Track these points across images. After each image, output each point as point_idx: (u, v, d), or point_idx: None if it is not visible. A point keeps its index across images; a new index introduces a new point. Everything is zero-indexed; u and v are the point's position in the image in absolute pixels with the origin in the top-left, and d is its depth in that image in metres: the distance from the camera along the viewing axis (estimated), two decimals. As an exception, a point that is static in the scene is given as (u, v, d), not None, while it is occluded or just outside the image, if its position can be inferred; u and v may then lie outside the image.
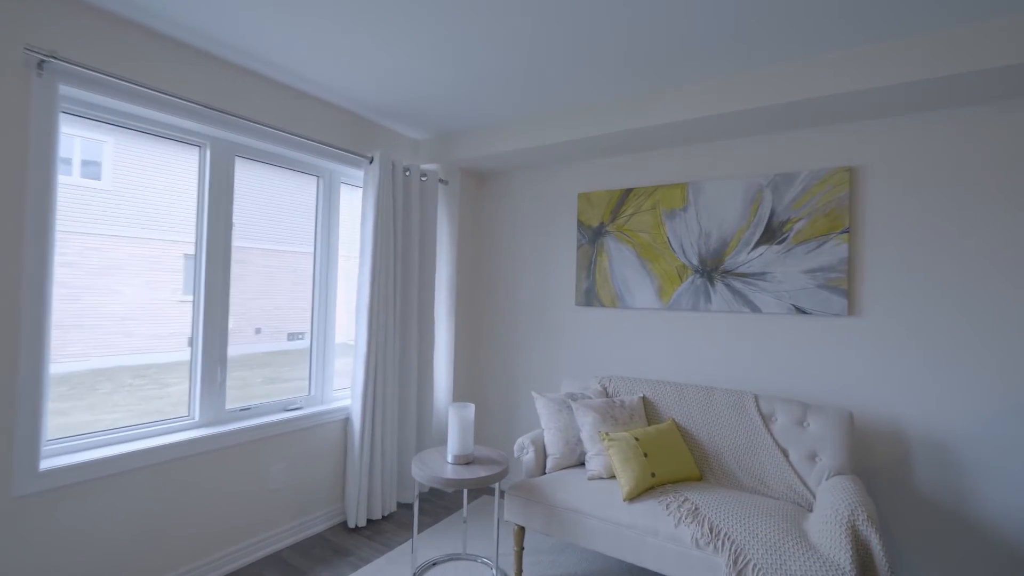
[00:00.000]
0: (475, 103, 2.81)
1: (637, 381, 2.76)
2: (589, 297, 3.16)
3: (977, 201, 2.18)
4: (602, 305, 3.11)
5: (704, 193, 2.79)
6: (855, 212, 2.44)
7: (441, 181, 3.50)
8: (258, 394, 2.69)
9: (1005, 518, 2.11)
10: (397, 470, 3.13)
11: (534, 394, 2.72)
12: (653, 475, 2.25)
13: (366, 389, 2.85)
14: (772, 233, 2.61)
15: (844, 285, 2.42)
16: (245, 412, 2.60)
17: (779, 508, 2.09)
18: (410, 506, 3.17)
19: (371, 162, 2.96)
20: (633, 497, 2.18)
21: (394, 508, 3.06)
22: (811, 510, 2.16)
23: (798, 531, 1.92)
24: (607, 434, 2.33)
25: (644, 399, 2.68)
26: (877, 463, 2.36)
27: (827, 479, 2.16)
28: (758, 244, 2.64)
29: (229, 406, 2.55)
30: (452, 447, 2.38)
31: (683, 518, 2.02)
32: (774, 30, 2.00)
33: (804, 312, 2.51)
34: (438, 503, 3.25)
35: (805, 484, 2.22)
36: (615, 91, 2.60)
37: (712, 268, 2.76)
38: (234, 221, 2.55)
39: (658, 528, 2.03)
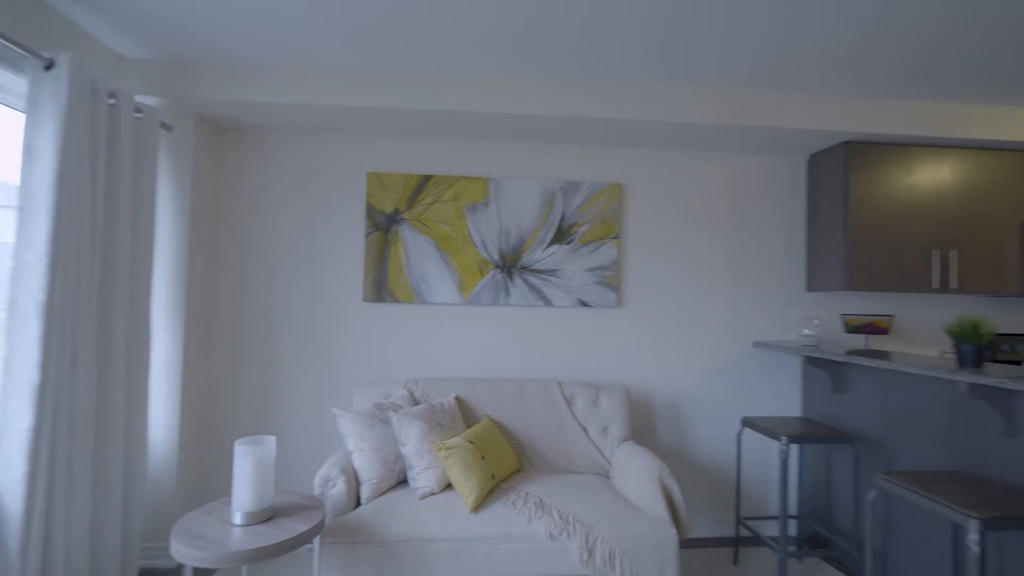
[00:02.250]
0: (233, 19, 2.05)
1: (446, 381, 2.59)
2: (380, 291, 2.78)
3: (675, 219, 2.96)
4: (396, 300, 2.79)
5: (505, 190, 2.85)
6: (623, 222, 2.94)
7: (164, 126, 2.43)
8: None
9: (707, 458, 2.92)
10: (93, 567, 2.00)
11: (335, 411, 2.20)
12: (493, 477, 2.14)
13: (35, 445, 1.70)
14: (563, 234, 2.88)
15: (615, 282, 2.88)
16: None
17: (593, 481, 2.32)
18: (113, 608, 2.07)
19: (49, 68, 1.80)
20: (479, 505, 2.02)
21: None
22: (608, 476, 2.48)
23: (618, 496, 2.17)
24: (443, 443, 2.09)
25: (458, 399, 2.54)
26: (637, 425, 2.90)
27: (618, 447, 2.52)
28: (551, 243, 2.87)
29: None
30: (242, 501, 1.68)
31: (533, 513, 2.00)
32: (573, 45, 2.21)
33: (587, 305, 2.87)
34: (162, 588, 2.24)
35: (603, 454, 2.54)
36: (428, 64, 2.36)
37: (512, 264, 2.85)
38: None
39: (511, 531, 1.94)
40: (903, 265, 2.73)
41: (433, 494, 2.12)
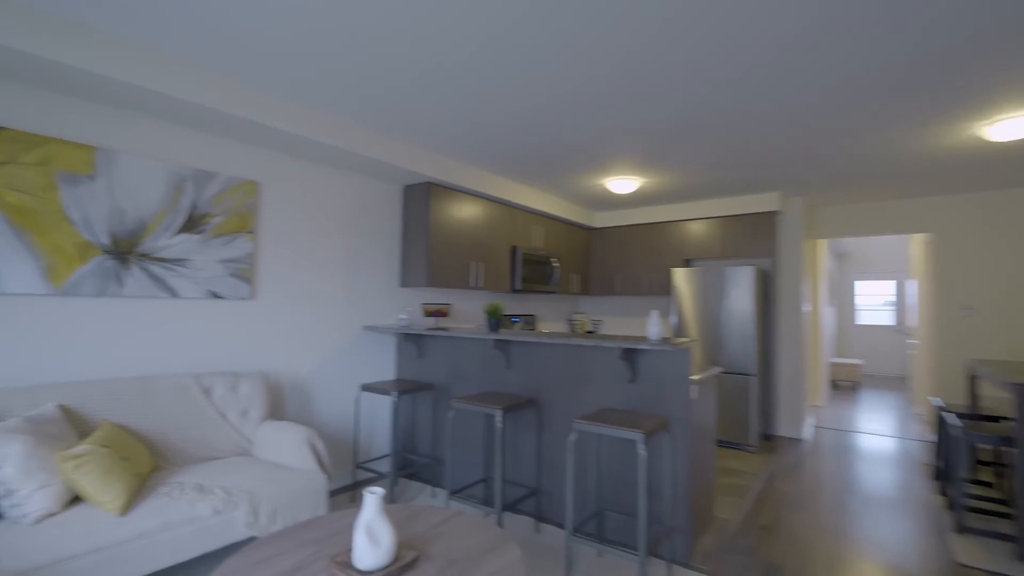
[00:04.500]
0: None
1: (40, 389, 2.10)
2: None
3: (306, 222, 3.45)
4: (-72, 289, 1.99)
5: (120, 166, 2.51)
6: (258, 218, 3.10)
7: None
8: None
9: (329, 424, 3.47)
10: None
11: None
12: (137, 476, 2.00)
13: None
14: (194, 222, 2.78)
15: (249, 275, 3.02)
16: None
17: (242, 460, 2.49)
18: None
19: None
20: (127, 507, 1.88)
21: None
22: (251, 454, 2.66)
23: (271, 464, 2.45)
24: (68, 454, 1.81)
25: (63, 408, 2.11)
26: (274, 405, 3.12)
27: (260, 426, 2.74)
28: (180, 231, 2.73)
29: None
30: None
31: (195, 497, 2.04)
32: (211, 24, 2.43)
33: (220, 297, 2.88)
34: None
35: (244, 436, 2.69)
36: None
37: (127, 250, 2.53)
38: None
39: (172, 519, 1.94)
40: (458, 270, 4.12)
41: (52, 515, 1.79)
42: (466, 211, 4.22)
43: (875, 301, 9.81)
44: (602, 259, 6.04)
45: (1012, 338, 4.58)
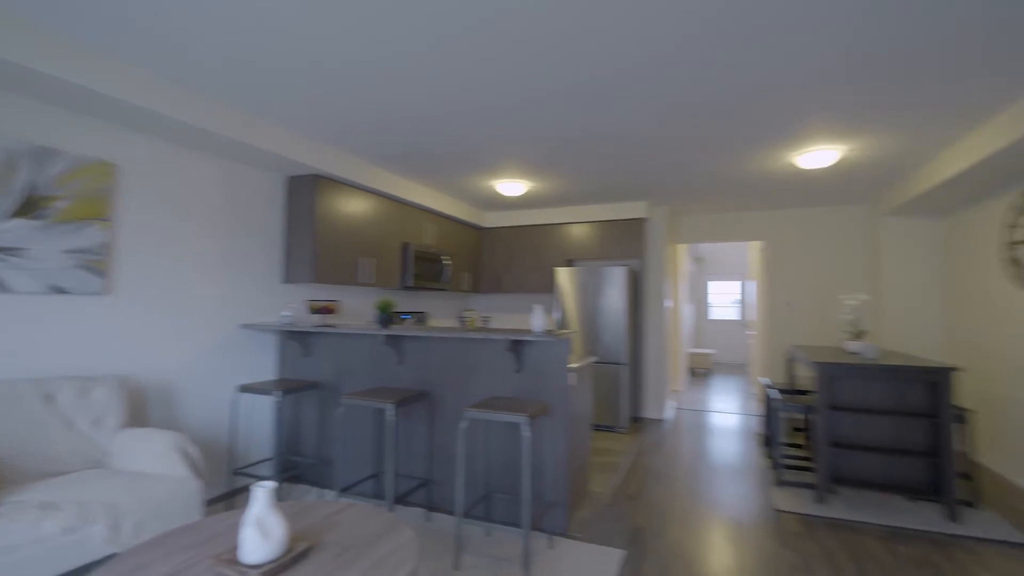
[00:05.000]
0: None
1: None
2: None
3: (174, 211, 3.17)
4: None
5: (-71, 135, 2.11)
6: (116, 204, 2.77)
7: None
8: None
9: (202, 429, 3.21)
10: None
11: None
12: (-39, 498, 1.73)
13: None
14: (31, 206, 2.42)
15: (103, 267, 2.70)
16: None
17: (97, 473, 2.24)
18: None
19: None
20: (-51, 533, 1.63)
21: None
22: (106, 466, 2.40)
23: (134, 474, 2.25)
24: None
25: None
26: (134, 410, 2.81)
27: (117, 434, 2.48)
28: (14, 215, 2.36)
29: None
30: None
31: (39, 515, 1.82)
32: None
33: (64, 292, 2.54)
34: None
35: (98, 446, 2.41)
36: None
37: (-61, 235, 2.14)
38: None
39: (12, 542, 1.71)
40: (347, 266, 4.03)
41: None
42: (356, 206, 4.15)
43: (725, 299, 11.32)
44: (491, 258, 6.26)
45: (821, 327, 5.64)
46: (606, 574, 2.37)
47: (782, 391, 4.25)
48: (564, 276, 5.43)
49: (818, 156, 3.66)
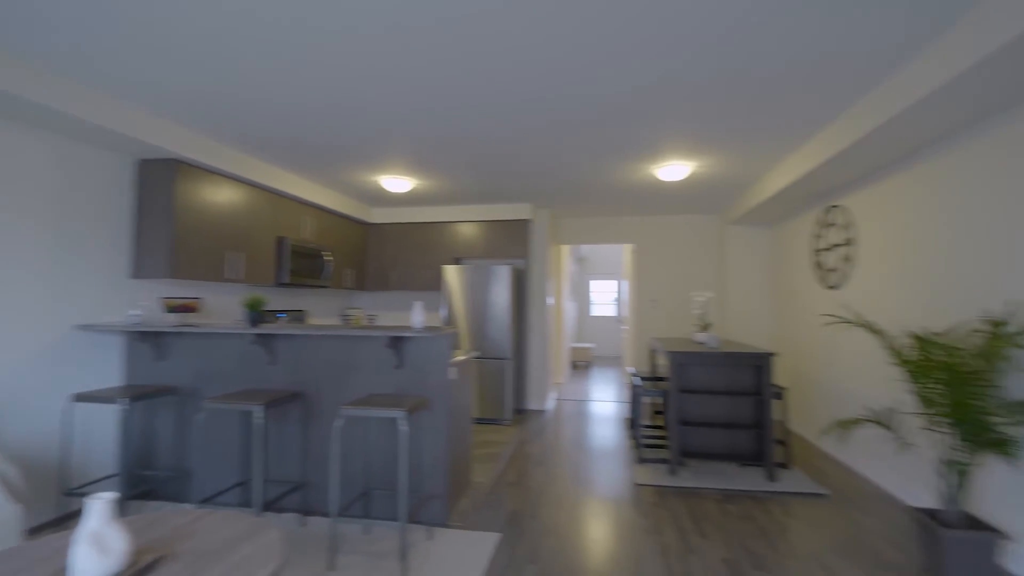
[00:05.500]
0: None
1: None
2: None
3: (15, 200, 2.72)
4: None
5: None
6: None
7: None
8: None
9: (25, 445, 2.76)
10: None
11: None
12: None
13: None
14: None
15: None
16: None
17: None
18: None
19: None
20: None
21: None
22: None
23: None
24: None
25: None
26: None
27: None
28: None
29: None
30: None
31: None
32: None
33: None
34: None
35: None
36: None
37: None
38: None
39: None
40: (212, 261, 3.71)
41: None
42: (225, 196, 3.83)
43: (605, 297, 12.20)
44: (378, 255, 6.13)
45: (680, 322, 6.35)
46: (481, 557, 2.49)
47: (644, 379, 4.73)
48: (452, 274, 5.50)
49: (674, 170, 4.14)
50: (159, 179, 3.41)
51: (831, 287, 4.30)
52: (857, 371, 3.84)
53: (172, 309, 3.49)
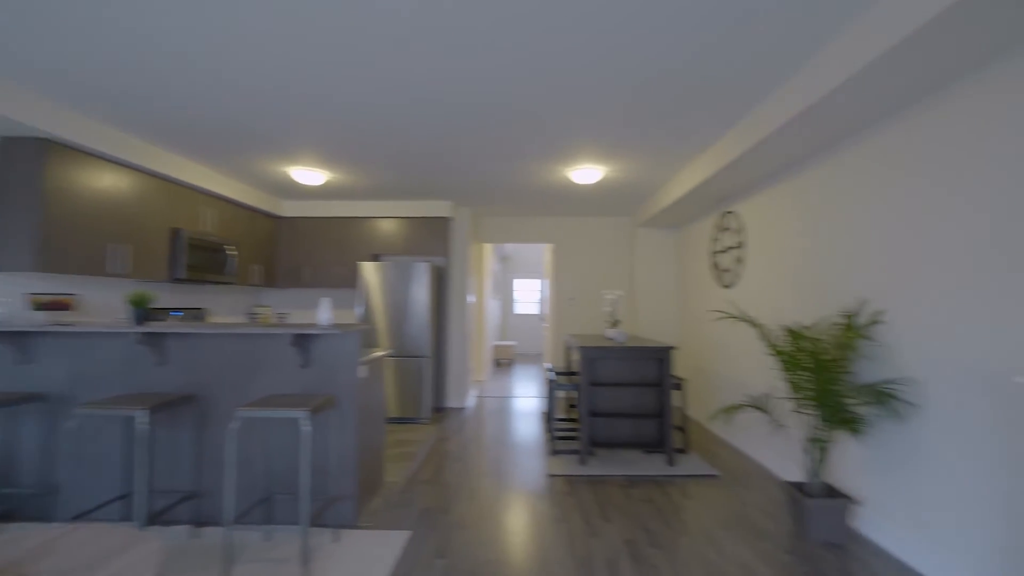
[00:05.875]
0: None
1: None
2: None
3: None
4: None
5: None
6: None
7: None
8: None
9: None
10: None
11: None
12: None
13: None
14: None
15: None
16: None
17: None
18: None
19: None
20: None
21: None
22: None
23: None
24: None
25: None
26: None
27: None
28: None
29: None
30: None
31: None
32: None
33: None
34: None
35: None
36: None
37: None
38: None
39: None
40: (91, 253, 3.35)
41: None
42: (106, 182, 3.48)
43: (529, 295, 12.44)
44: (290, 250, 5.84)
45: (595, 319, 6.63)
46: (389, 555, 2.46)
47: (559, 373, 4.90)
48: (370, 270, 5.37)
49: (586, 173, 4.32)
50: (25, 160, 3.03)
51: (726, 286, 4.70)
52: (742, 362, 4.23)
53: (40, 306, 3.12)
